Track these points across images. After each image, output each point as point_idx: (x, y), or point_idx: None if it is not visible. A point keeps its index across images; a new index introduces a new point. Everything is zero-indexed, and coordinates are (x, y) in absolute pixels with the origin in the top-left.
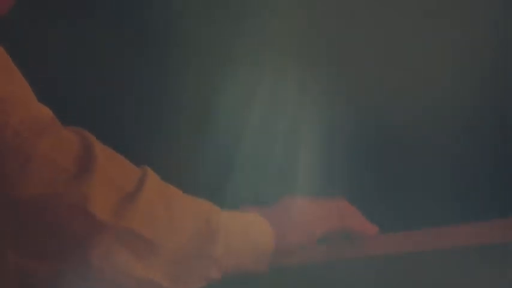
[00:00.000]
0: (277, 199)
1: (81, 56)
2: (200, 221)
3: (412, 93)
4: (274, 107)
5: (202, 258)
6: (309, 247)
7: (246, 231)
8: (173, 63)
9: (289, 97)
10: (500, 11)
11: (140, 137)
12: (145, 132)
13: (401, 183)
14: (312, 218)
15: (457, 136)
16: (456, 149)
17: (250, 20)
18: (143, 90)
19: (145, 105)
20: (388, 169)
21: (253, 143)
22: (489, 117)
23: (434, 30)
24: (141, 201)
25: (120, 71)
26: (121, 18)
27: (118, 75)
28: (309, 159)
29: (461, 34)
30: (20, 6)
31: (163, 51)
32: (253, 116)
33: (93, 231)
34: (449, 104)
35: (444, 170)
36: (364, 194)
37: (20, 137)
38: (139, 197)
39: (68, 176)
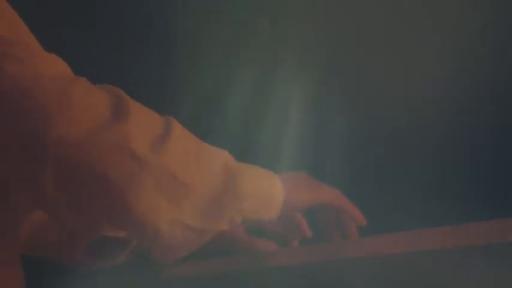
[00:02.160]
0: None
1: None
2: (222, 165)
3: (412, 93)
4: (274, 106)
5: (225, 200)
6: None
7: (261, 180)
8: (174, 62)
9: (288, 96)
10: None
11: None
12: None
13: (401, 184)
14: (318, 187)
15: (457, 136)
16: (456, 149)
17: (251, 20)
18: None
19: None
20: (388, 169)
21: (253, 141)
22: (489, 117)
23: (434, 31)
24: (172, 143)
25: (120, 71)
26: (121, 18)
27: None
28: (307, 158)
29: (460, 35)
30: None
31: (165, 50)
32: (253, 114)
33: (135, 171)
34: (449, 103)
35: (444, 170)
36: (364, 194)
37: (50, 84)
38: (170, 139)
39: (105, 118)
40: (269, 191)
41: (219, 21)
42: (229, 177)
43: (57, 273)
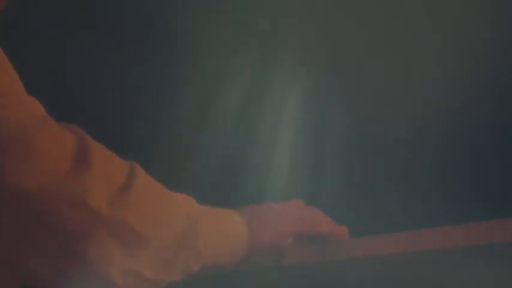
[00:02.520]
0: (274, 198)
1: (82, 55)
2: (182, 215)
3: (412, 93)
4: (274, 106)
5: (184, 250)
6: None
7: (223, 227)
8: (174, 62)
9: (288, 96)
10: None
11: (140, 135)
12: (145, 129)
13: (400, 184)
14: (284, 220)
15: (457, 136)
16: (456, 149)
17: (251, 21)
18: (143, 89)
19: (145, 103)
20: (388, 169)
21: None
22: (489, 117)
23: (434, 31)
24: (133, 194)
25: (120, 71)
26: (121, 18)
27: (118, 74)
28: (307, 159)
29: (460, 35)
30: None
31: (165, 50)
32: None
33: (90, 224)
34: (449, 103)
35: (444, 170)
36: (364, 194)
37: (20, 130)
38: (130, 190)
39: (66, 169)
40: (231, 240)
41: (219, 21)
42: (189, 229)
43: None
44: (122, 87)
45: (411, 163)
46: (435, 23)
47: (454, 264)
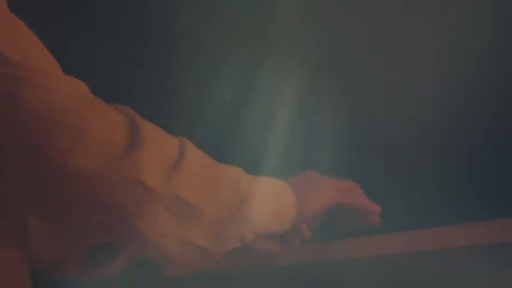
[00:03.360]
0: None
1: (82, 55)
2: (234, 186)
3: (412, 93)
4: (272, 105)
5: (237, 220)
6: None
7: (273, 196)
8: (174, 62)
9: (286, 95)
10: (500, 12)
11: None
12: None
13: (401, 184)
14: (328, 189)
15: (457, 136)
16: (456, 149)
17: (251, 20)
18: (143, 90)
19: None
20: (388, 169)
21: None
22: (489, 117)
23: (434, 31)
24: (184, 169)
25: (120, 71)
26: (121, 18)
27: (118, 75)
28: (306, 159)
29: (459, 36)
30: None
31: (164, 50)
32: (251, 115)
33: (145, 200)
34: (449, 103)
35: (444, 170)
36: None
37: (73, 113)
38: (182, 165)
39: (119, 149)
40: (281, 206)
41: (219, 21)
42: (241, 198)
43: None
44: (122, 87)
45: (411, 163)
46: (435, 23)
47: (454, 264)
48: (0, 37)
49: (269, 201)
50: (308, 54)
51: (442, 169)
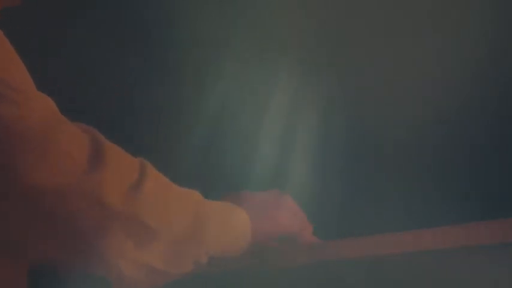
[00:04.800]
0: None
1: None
2: (191, 210)
3: (412, 93)
4: (272, 107)
5: (192, 243)
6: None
7: (228, 220)
8: (171, 62)
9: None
10: (500, 12)
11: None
12: (142, 128)
13: (401, 184)
14: (283, 213)
15: (457, 136)
16: (456, 149)
17: (250, 21)
18: (143, 90)
19: (144, 103)
20: (388, 169)
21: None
22: (489, 117)
23: (433, 33)
24: (144, 191)
25: (120, 71)
26: (121, 18)
27: (118, 75)
28: (303, 159)
29: (459, 36)
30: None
31: (162, 51)
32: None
33: (103, 220)
34: (449, 103)
35: (444, 170)
36: (364, 194)
37: (37, 129)
38: (142, 186)
39: (82, 169)
40: (236, 231)
41: (219, 21)
42: (198, 222)
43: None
44: (122, 87)
45: (411, 163)
46: (435, 23)
47: (454, 264)
48: None
49: (224, 225)
50: (308, 54)
51: (442, 169)
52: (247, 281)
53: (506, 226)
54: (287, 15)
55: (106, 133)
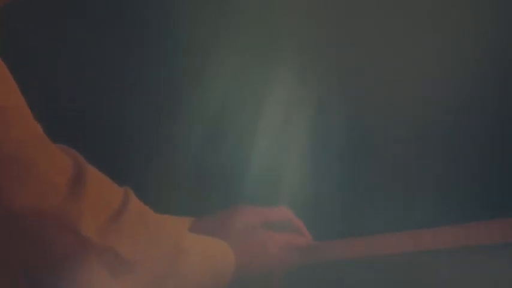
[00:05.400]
0: (265, 202)
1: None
2: (172, 242)
3: (412, 93)
4: (272, 108)
5: (169, 277)
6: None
7: (210, 256)
8: (171, 62)
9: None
10: (500, 12)
11: (137, 133)
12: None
13: (401, 184)
14: (273, 253)
15: (457, 136)
16: (456, 149)
17: (250, 21)
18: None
19: (146, 104)
20: (388, 169)
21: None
22: (489, 117)
23: (432, 34)
24: (124, 222)
25: (121, 71)
26: (121, 18)
27: (118, 75)
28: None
29: (459, 36)
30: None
31: (162, 51)
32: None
33: (80, 249)
34: (449, 103)
35: (444, 170)
36: (364, 194)
37: (20, 150)
38: (123, 217)
39: (61, 194)
40: (219, 265)
41: (219, 21)
42: (178, 255)
43: None
44: (122, 87)
45: (411, 163)
46: (435, 23)
47: (454, 264)
48: None
49: (205, 260)
50: (308, 54)
51: (442, 169)
52: (247, 281)
53: (506, 226)
54: (287, 15)
55: (106, 134)
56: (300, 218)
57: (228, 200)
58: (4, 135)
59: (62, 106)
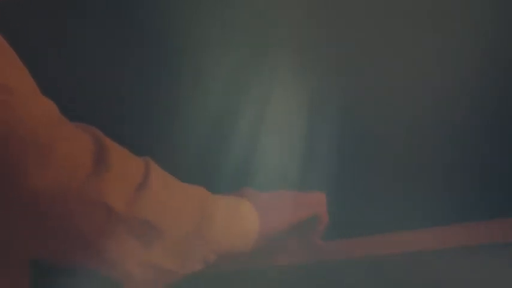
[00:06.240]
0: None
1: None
2: (197, 207)
3: (412, 93)
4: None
5: (199, 241)
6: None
7: (236, 216)
8: (170, 63)
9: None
10: (500, 12)
11: (137, 133)
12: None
13: (401, 183)
14: (291, 208)
15: (457, 136)
16: (456, 149)
17: (250, 21)
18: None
19: (144, 103)
20: (388, 169)
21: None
22: (489, 117)
23: (432, 34)
24: (149, 191)
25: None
26: (121, 18)
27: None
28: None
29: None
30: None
31: (161, 51)
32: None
33: (108, 222)
34: (449, 104)
35: (444, 170)
36: (364, 194)
37: (37, 133)
38: (147, 187)
39: (85, 171)
40: (244, 226)
41: (219, 21)
42: (204, 218)
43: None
44: (122, 87)
45: (411, 163)
46: (435, 23)
47: (454, 264)
48: None
49: (232, 221)
50: (308, 55)
51: (442, 169)
52: (246, 281)
53: (506, 226)
54: (287, 15)
55: (106, 133)
56: None
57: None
58: (20, 119)
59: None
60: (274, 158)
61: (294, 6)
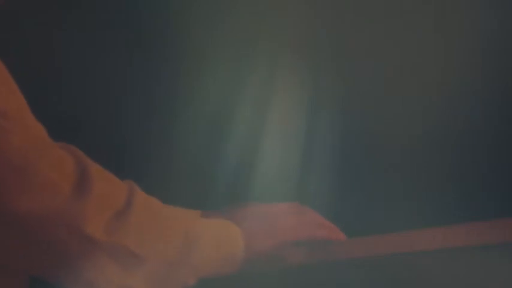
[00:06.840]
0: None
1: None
2: (181, 232)
3: (412, 93)
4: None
5: (181, 266)
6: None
7: (219, 240)
8: (170, 63)
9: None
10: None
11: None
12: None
13: (401, 183)
14: (283, 227)
15: (457, 136)
16: (456, 149)
17: (250, 21)
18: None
19: (146, 104)
20: (388, 169)
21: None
22: (489, 117)
23: (433, 33)
24: (130, 217)
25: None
26: (121, 18)
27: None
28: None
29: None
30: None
31: (161, 52)
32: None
33: (86, 249)
34: (449, 104)
35: (444, 170)
36: (364, 195)
37: (22, 157)
38: (129, 213)
39: (65, 195)
40: (227, 252)
41: (219, 21)
42: (187, 246)
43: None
44: (122, 87)
45: (411, 163)
46: (435, 23)
47: (454, 264)
48: None
49: (217, 246)
50: (307, 54)
51: (442, 169)
52: (246, 282)
53: (506, 226)
54: (287, 15)
55: (105, 134)
56: None
57: (228, 200)
58: (7, 143)
59: (62, 106)
60: (274, 158)
61: (294, 6)
